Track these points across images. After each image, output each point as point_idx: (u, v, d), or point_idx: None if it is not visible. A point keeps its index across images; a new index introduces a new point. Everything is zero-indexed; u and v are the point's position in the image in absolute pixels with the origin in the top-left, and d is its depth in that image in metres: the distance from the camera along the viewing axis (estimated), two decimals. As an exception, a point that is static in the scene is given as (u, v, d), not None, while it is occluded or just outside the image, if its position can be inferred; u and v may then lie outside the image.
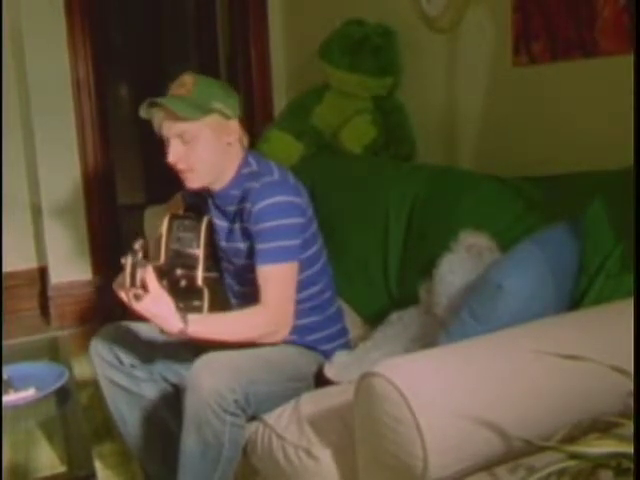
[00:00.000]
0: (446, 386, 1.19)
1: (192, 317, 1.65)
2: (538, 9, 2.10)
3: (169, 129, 1.71)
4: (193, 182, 1.76)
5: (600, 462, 0.98)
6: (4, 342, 3.14)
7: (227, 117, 1.74)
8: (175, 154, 1.71)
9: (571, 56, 2.01)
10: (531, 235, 1.57)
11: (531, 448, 1.12)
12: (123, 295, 1.59)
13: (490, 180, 1.97)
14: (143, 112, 1.73)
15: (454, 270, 1.63)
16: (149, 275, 1.58)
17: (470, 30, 2.42)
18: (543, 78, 2.14)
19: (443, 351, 1.36)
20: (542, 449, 1.10)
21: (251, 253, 1.75)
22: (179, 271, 1.80)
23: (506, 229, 1.78)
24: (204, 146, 1.72)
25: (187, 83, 1.72)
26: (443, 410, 1.15)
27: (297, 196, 1.75)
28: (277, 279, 1.69)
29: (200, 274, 1.82)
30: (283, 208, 1.71)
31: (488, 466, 1.20)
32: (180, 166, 1.73)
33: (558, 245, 1.53)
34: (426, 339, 1.63)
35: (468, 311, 1.45)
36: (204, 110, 1.70)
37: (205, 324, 1.69)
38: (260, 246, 1.70)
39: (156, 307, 1.61)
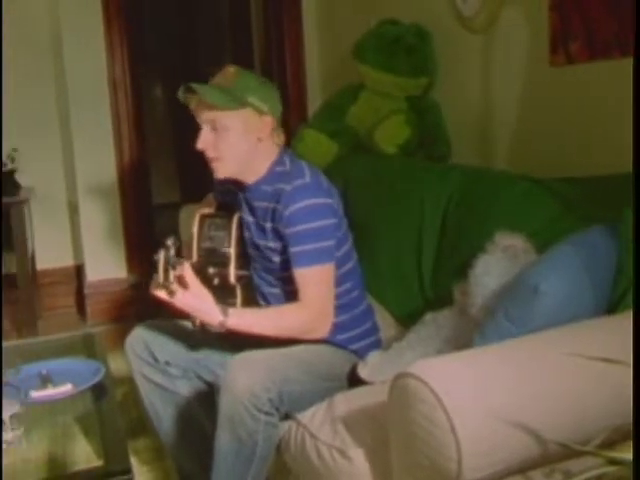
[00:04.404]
0: (481, 388, 1.18)
1: (232, 310, 1.69)
2: (576, 7, 2.07)
3: (201, 115, 1.74)
4: (219, 171, 1.78)
5: (640, 468, 0.96)
6: (41, 338, 3.21)
7: (261, 113, 1.75)
8: (204, 141, 1.74)
9: (610, 55, 1.98)
10: (567, 237, 1.55)
11: (568, 452, 1.11)
12: (161, 294, 1.62)
13: (526, 181, 1.95)
14: (181, 96, 1.76)
15: (489, 271, 1.62)
16: (187, 270, 1.61)
17: (506, 29, 2.40)
18: (581, 78, 2.11)
19: (478, 353, 1.35)
20: (579, 454, 1.09)
21: (283, 252, 1.76)
22: (211, 269, 1.82)
23: (542, 230, 1.76)
24: (233, 137, 1.73)
25: (228, 74, 1.75)
26: (478, 412, 1.15)
27: (329, 197, 1.75)
28: (315, 280, 1.71)
29: (232, 272, 1.83)
30: (316, 210, 1.71)
31: (523, 469, 1.19)
32: (208, 153, 1.76)
33: (595, 247, 1.51)
34: (460, 340, 1.62)
35: (503, 313, 1.44)
36: (238, 102, 1.71)
37: (245, 317, 1.71)
38: (296, 249, 1.71)
39: (197, 301, 1.64)
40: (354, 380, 1.75)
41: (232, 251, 1.84)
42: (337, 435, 1.50)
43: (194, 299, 1.64)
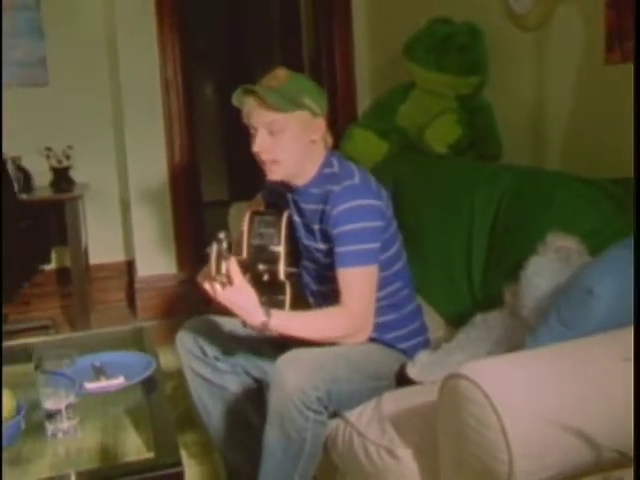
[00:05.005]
0: (533, 390, 1.17)
1: (275, 312, 1.67)
2: (632, 4, 2.02)
3: (258, 118, 1.74)
4: (274, 174, 1.79)
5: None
6: (93, 331, 3.28)
7: (315, 114, 1.76)
8: (261, 144, 1.74)
9: (668, 53, 1.93)
10: (622, 239, 1.52)
11: (623, 460, 1.08)
12: (207, 286, 1.62)
13: (579, 181, 1.92)
14: (235, 99, 1.76)
15: (541, 273, 1.59)
16: (233, 267, 1.59)
17: (560, 27, 2.36)
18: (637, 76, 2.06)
19: (530, 355, 1.34)
20: (635, 461, 1.07)
21: (331, 254, 1.76)
22: (261, 266, 1.83)
23: (595, 232, 1.74)
24: (290, 139, 1.74)
25: (280, 76, 1.75)
26: (529, 414, 1.14)
27: (377, 199, 1.75)
28: (358, 282, 1.70)
29: (282, 269, 1.84)
30: (363, 211, 1.71)
31: (576, 476, 1.17)
32: (264, 156, 1.76)
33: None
34: (511, 342, 1.60)
35: (556, 315, 1.42)
36: (294, 104, 1.72)
37: (287, 320, 1.71)
38: (340, 249, 1.71)
39: (240, 298, 1.63)
40: (402, 379, 1.75)
41: (282, 249, 1.85)
42: (385, 434, 1.51)
43: (238, 295, 1.62)
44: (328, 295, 1.83)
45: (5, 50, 3.80)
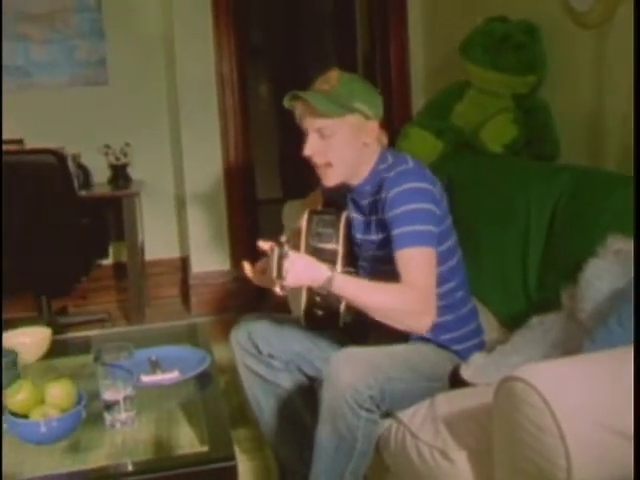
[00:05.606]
0: (591, 395, 1.15)
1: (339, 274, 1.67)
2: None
3: (309, 123, 1.75)
4: (330, 179, 1.79)
5: None
6: (148, 325, 3.35)
7: (367, 118, 1.75)
8: (311, 147, 1.75)
9: None
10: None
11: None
12: (274, 289, 1.62)
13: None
14: (287, 102, 1.77)
15: (601, 275, 1.57)
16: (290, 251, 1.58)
17: (622, 25, 2.30)
18: None
19: (588, 358, 1.32)
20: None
21: (384, 244, 1.75)
22: None
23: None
24: (341, 142, 1.74)
25: (332, 79, 1.74)
26: (588, 420, 1.12)
27: (431, 184, 1.74)
28: (416, 262, 1.65)
29: (339, 268, 1.84)
30: (416, 193, 1.69)
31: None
32: (315, 160, 1.77)
33: None
34: (568, 345, 1.58)
35: (616, 319, 1.39)
36: (345, 108, 1.72)
37: (352, 281, 1.69)
38: (396, 231, 1.68)
39: (299, 262, 1.61)
40: (455, 381, 1.73)
41: (339, 249, 1.85)
42: (439, 436, 1.50)
43: (297, 262, 1.60)
44: None
45: (68, 50, 3.91)
